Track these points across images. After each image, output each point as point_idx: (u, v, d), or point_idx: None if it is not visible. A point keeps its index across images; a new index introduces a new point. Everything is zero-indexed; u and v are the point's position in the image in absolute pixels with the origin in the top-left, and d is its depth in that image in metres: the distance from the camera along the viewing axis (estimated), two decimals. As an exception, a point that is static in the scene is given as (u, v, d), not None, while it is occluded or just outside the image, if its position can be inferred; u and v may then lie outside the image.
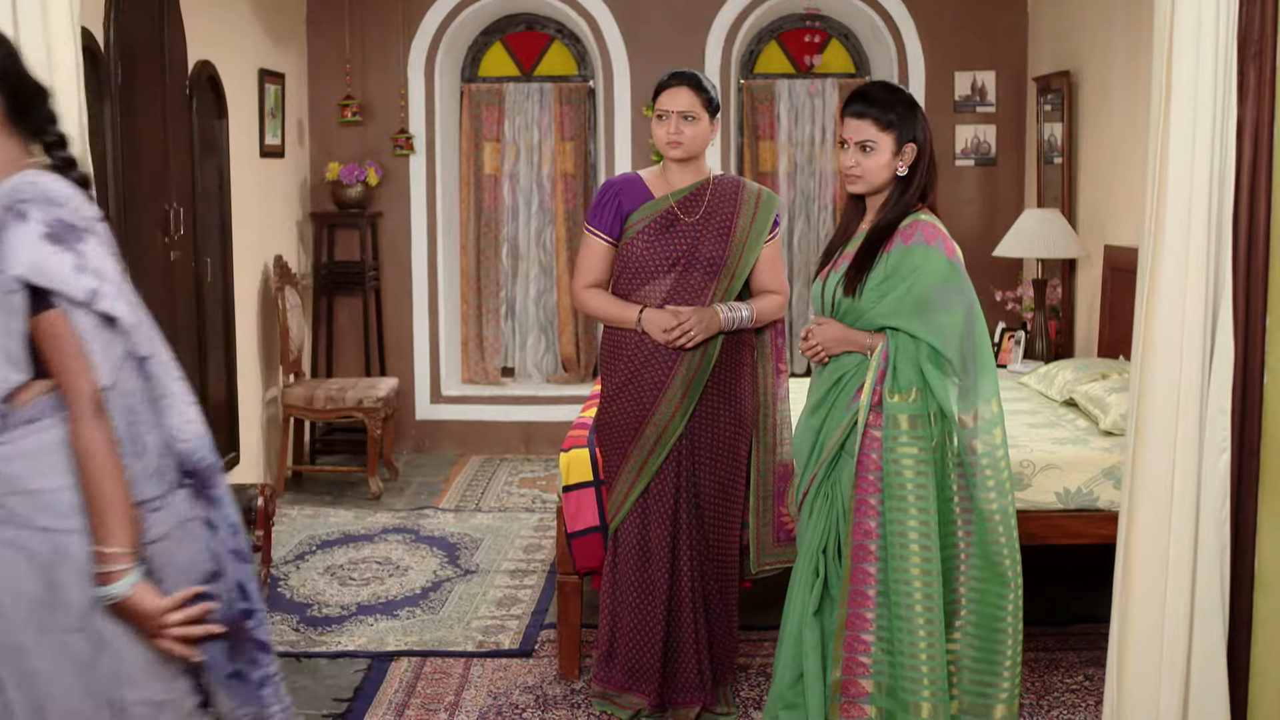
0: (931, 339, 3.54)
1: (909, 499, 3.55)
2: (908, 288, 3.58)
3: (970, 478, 3.57)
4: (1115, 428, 4.91)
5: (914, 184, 3.69)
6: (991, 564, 3.61)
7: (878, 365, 3.59)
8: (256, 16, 7.19)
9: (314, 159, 8.16)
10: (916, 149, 3.68)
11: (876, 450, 3.58)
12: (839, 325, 3.71)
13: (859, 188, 3.72)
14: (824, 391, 3.76)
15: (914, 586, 3.55)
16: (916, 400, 3.55)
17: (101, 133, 5.22)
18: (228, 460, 6.57)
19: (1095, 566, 5.45)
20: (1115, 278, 6.42)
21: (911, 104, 3.70)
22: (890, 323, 3.60)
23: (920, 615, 3.55)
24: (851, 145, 3.69)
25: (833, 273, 3.76)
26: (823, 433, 3.74)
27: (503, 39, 8.54)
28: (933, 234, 3.62)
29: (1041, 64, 7.77)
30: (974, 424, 3.56)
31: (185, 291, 6.07)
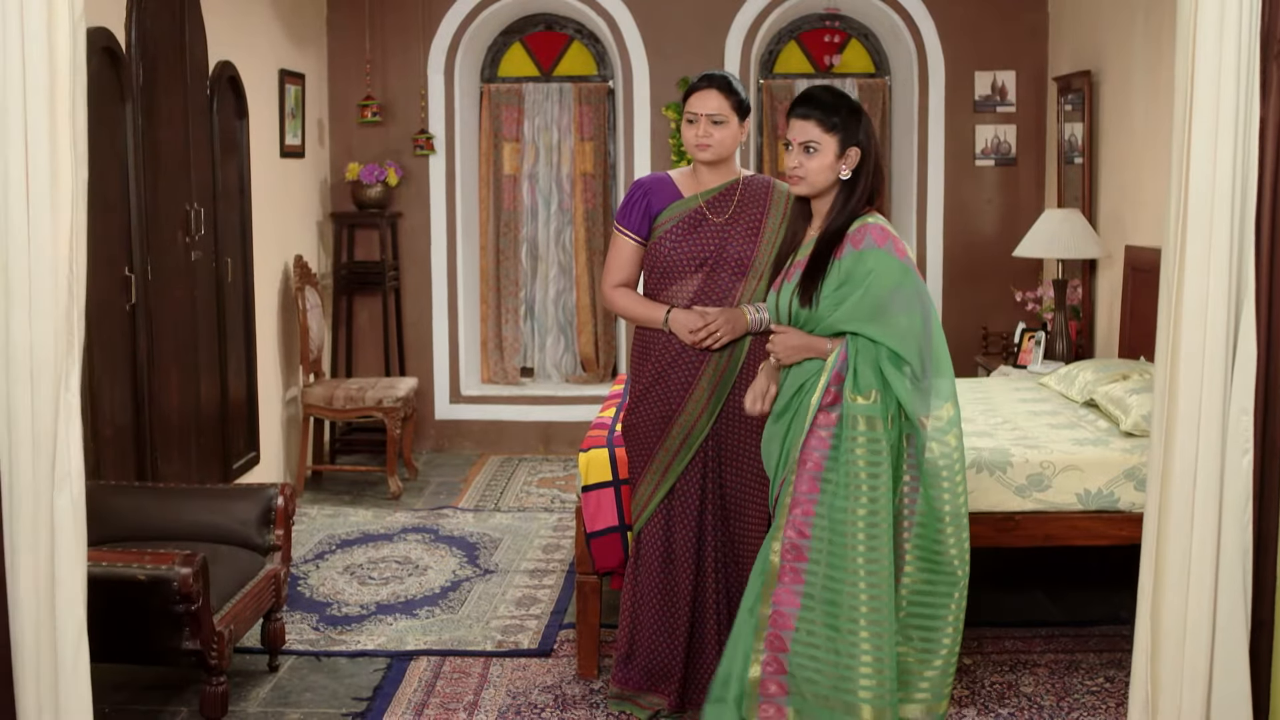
0: (890, 342, 3.57)
1: (862, 499, 3.56)
2: (863, 292, 3.60)
3: (925, 479, 3.63)
4: (1136, 429, 4.89)
5: (859, 188, 3.72)
6: (938, 564, 3.68)
7: (832, 367, 3.63)
8: (277, 17, 7.20)
9: (334, 159, 8.17)
10: (861, 153, 3.71)
11: (820, 450, 3.61)
12: (799, 333, 3.74)
13: (801, 189, 3.75)
14: (788, 398, 3.77)
15: (859, 588, 3.56)
16: (876, 402, 3.58)
17: (123, 133, 5.23)
18: (248, 459, 6.59)
19: (1116, 568, 5.44)
20: (1136, 278, 6.39)
21: (856, 109, 3.74)
22: (848, 328, 3.63)
23: (865, 617, 3.55)
24: (795, 146, 3.72)
25: (786, 283, 3.78)
26: (788, 439, 3.74)
27: (522, 39, 8.55)
28: (883, 236, 3.65)
29: (1062, 63, 7.74)
30: (934, 425, 3.61)
31: (206, 291, 6.09)
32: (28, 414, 3.20)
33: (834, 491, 3.58)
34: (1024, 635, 5.09)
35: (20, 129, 3.14)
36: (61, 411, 3.22)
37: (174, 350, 5.68)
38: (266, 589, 4.58)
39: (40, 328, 3.19)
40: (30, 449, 3.21)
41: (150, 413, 5.41)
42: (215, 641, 4.11)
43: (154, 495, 4.74)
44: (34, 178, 3.15)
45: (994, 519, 4.67)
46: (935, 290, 8.17)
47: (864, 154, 3.72)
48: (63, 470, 3.24)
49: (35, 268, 3.18)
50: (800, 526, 3.61)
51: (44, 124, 3.14)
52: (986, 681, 4.67)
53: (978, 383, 6.35)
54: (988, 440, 4.89)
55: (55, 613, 3.26)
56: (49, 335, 3.19)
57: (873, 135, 3.75)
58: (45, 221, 3.16)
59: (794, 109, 3.73)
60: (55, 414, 3.22)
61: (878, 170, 3.76)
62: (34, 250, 3.17)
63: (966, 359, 8.06)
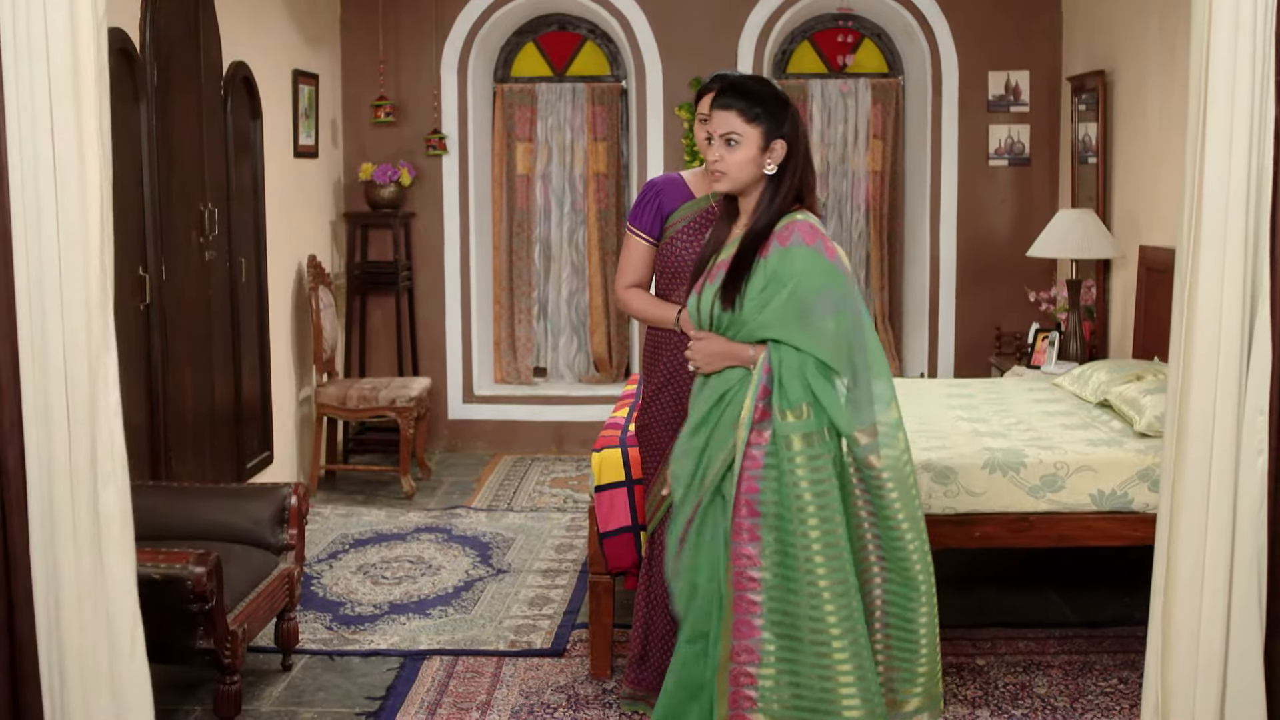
0: (815, 350, 3.37)
1: (811, 521, 3.36)
2: (789, 293, 3.39)
3: (872, 489, 3.45)
4: (1150, 429, 4.88)
5: (785, 184, 3.50)
6: (901, 571, 3.51)
7: (759, 380, 3.41)
8: (290, 17, 7.22)
9: (347, 159, 8.19)
10: (787, 146, 3.50)
11: (756, 471, 3.40)
12: (720, 339, 3.52)
13: (723, 185, 3.54)
14: (707, 409, 3.54)
15: (825, 610, 3.36)
16: (809, 417, 3.37)
17: (137, 133, 5.25)
18: (261, 459, 6.61)
19: (1130, 569, 5.43)
20: (1150, 278, 6.38)
21: (782, 99, 3.52)
22: (772, 334, 3.41)
23: (838, 640, 3.37)
24: (716, 138, 3.50)
25: (708, 285, 3.57)
26: (707, 453, 3.52)
27: (535, 39, 8.55)
28: (812, 235, 3.44)
29: (1076, 63, 7.72)
30: (872, 438, 3.41)
31: (220, 291, 6.10)
32: (64, 414, 3.23)
33: (780, 515, 3.37)
34: (1038, 636, 5.08)
35: (47, 129, 3.16)
36: (101, 409, 3.24)
37: (188, 350, 5.69)
38: (280, 588, 4.59)
39: (73, 327, 3.21)
40: (67, 448, 3.23)
41: (164, 412, 5.42)
42: (229, 640, 4.11)
43: (168, 494, 4.75)
44: (61, 177, 3.17)
45: (1008, 519, 4.66)
46: (949, 291, 8.16)
47: (790, 147, 3.50)
48: (106, 467, 3.26)
49: (66, 265, 3.20)
50: (749, 554, 3.39)
51: (71, 123, 3.16)
52: (1000, 682, 4.66)
53: (991, 383, 6.34)
54: (1001, 441, 4.89)
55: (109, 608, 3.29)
56: (82, 334, 3.21)
57: (801, 128, 3.53)
58: (75, 219, 3.18)
59: (715, 99, 3.52)
60: (93, 412, 3.24)
61: (807, 165, 3.54)
62: (64, 247, 3.19)
63: (980, 359, 8.06)
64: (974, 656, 4.90)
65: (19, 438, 3.27)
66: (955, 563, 5.92)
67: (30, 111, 3.16)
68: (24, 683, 3.38)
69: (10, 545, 3.32)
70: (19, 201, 3.19)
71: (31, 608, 3.32)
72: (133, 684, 3.35)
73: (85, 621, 3.28)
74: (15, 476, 3.29)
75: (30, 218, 3.19)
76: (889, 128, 8.41)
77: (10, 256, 3.23)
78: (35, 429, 3.24)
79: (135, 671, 3.35)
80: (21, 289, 3.23)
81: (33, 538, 3.28)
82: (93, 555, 3.26)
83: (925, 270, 8.23)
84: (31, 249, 3.21)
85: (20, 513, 3.30)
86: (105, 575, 3.28)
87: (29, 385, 3.23)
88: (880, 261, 8.48)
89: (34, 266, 3.22)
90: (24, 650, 3.36)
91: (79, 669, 3.29)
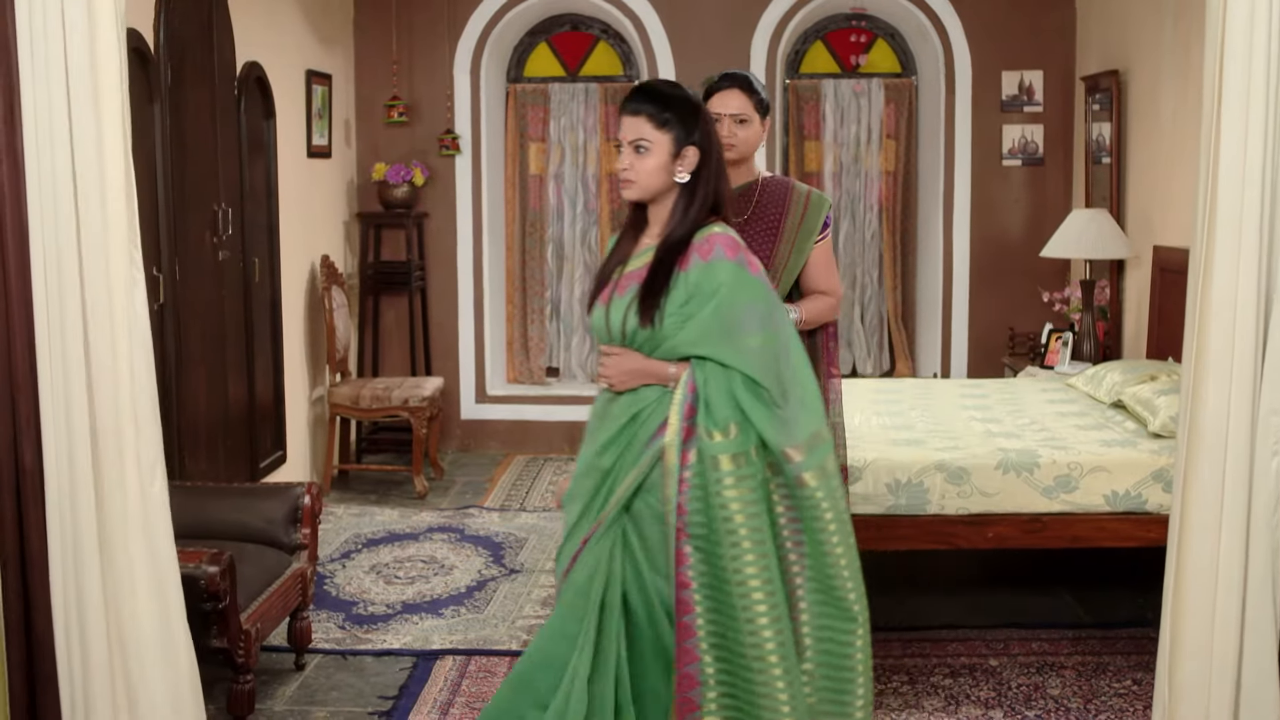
0: (743, 366, 3.17)
1: (744, 544, 3.13)
2: (714, 309, 3.19)
3: (805, 512, 3.21)
4: (1164, 430, 4.87)
5: (700, 193, 3.30)
6: (835, 599, 3.26)
7: (684, 400, 3.20)
8: (304, 18, 7.23)
9: (360, 159, 8.20)
10: (700, 154, 3.31)
11: (685, 493, 3.17)
12: (636, 355, 3.28)
13: (632, 193, 3.32)
14: (617, 429, 3.29)
15: (764, 637, 3.14)
16: (737, 437, 3.15)
17: (151, 133, 5.26)
18: (275, 458, 6.62)
19: (1144, 570, 5.41)
20: (1164, 278, 6.36)
21: (693, 104, 3.34)
22: (697, 350, 3.20)
23: (777, 665, 3.15)
24: (626, 145, 3.31)
25: (616, 298, 3.33)
26: (613, 475, 3.28)
27: (548, 39, 8.55)
28: (733, 248, 3.25)
29: (1090, 63, 7.71)
30: (804, 456, 3.18)
31: (233, 291, 6.11)
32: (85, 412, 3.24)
33: (708, 539, 3.16)
34: (1051, 637, 5.08)
35: (65, 130, 3.17)
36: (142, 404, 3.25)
37: (201, 350, 5.71)
38: (293, 588, 4.60)
39: (96, 325, 3.21)
40: (88, 446, 3.25)
41: (178, 412, 5.43)
42: (242, 640, 4.12)
43: (182, 494, 4.74)
44: (81, 176, 3.19)
45: (1021, 520, 4.65)
46: (962, 291, 8.15)
47: (703, 155, 3.31)
48: (148, 460, 3.27)
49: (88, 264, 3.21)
50: (682, 579, 3.17)
51: (90, 123, 3.17)
52: (1013, 684, 4.65)
53: (1005, 383, 6.33)
54: (1015, 441, 4.88)
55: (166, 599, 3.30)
56: (106, 332, 3.22)
57: (714, 135, 3.36)
58: (95, 218, 3.19)
59: (624, 104, 3.33)
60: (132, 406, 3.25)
61: (720, 174, 3.35)
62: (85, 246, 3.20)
63: (993, 360, 8.04)
64: (987, 657, 4.89)
65: (36, 436, 3.28)
66: (968, 563, 5.92)
67: (48, 111, 3.17)
68: (43, 684, 3.39)
69: (27, 545, 3.33)
70: (37, 205, 3.20)
71: (49, 608, 3.33)
72: (173, 683, 3.35)
73: (106, 622, 3.29)
74: (33, 474, 3.30)
75: (48, 221, 3.20)
76: (902, 128, 8.40)
77: (27, 257, 3.24)
78: (54, 426, 3.25)
79: (177, 670, 3.36)
80: (39, 288, 3.24)
81: (50, 537, 3.29)
82: (126, 553, 3.27)
83: (938, 270, 8.21)
84: (50, 252, 3.22)
85: (38, 511, 3.31)
86: (138, 575, 3.29)
87: (46, 383, 3.24)
88: (893, 262, 8.47)
89: (51, 267, 3.22)
90: (42, 652, 3.37)
91: (105, 670, 3.30)
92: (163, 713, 3.36)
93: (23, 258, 3.25)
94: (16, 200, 3.23)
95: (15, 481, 3.31)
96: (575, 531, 3.32)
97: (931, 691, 4.60)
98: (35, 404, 3.27)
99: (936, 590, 5.64)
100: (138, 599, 3.31)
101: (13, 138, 3.22)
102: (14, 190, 3.23)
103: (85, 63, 3.16)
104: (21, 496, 3.32)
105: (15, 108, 3.21)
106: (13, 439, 3.30)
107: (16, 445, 3.30)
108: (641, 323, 3.25)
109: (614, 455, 3.29)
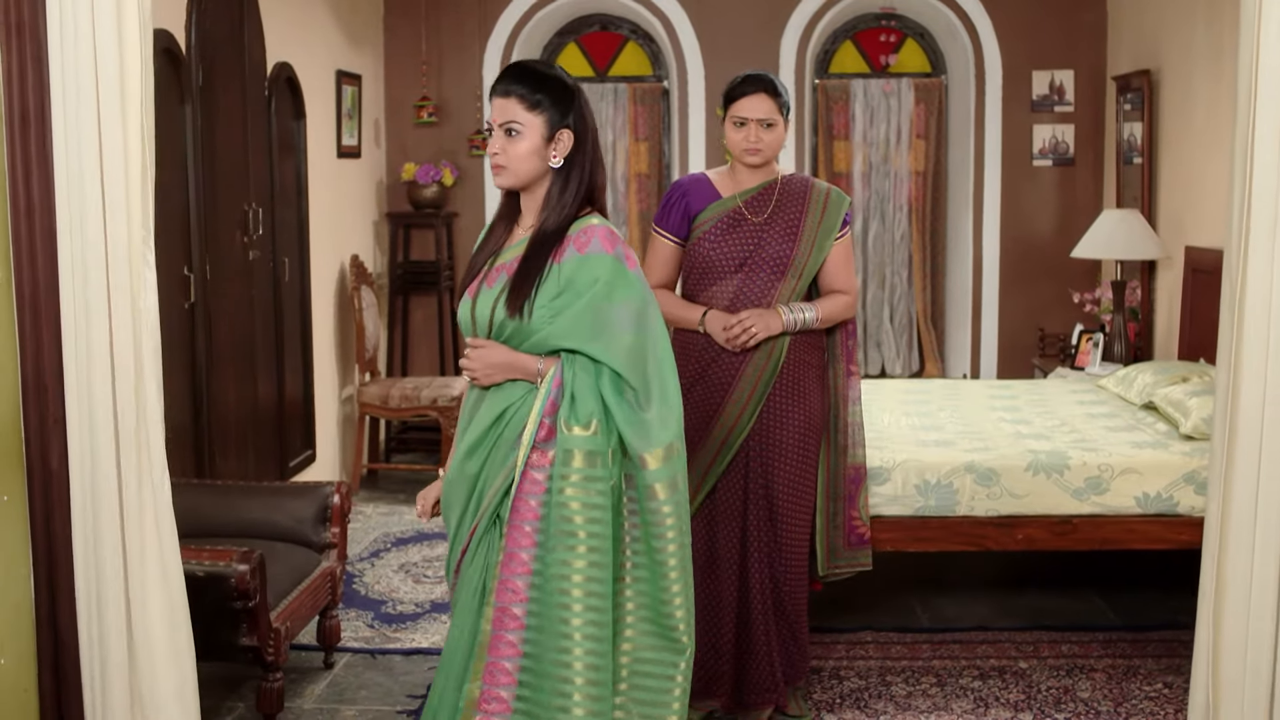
0: (612, 362, 3.01)
1: (579, 549, 2.97)
2: (586, 303, 3.03)
3: (649, 526, 3.03)
4: (1196, 432, 4.84)
5: (575, 180, 3.14)
6: (663, 628, 3.08)
7: (547, 394, 3.03)
8: (334, 18, 7.25)
9: (390, 159, 8.22)
10: (574, 138, 3.13)
11: (536, 496, 3.01)
12: (502, 349, 3.10)
13: (504, 179, 3.14)
14: (484, 429, 3.11)
15: (573, 655, 2.97)
16: (596, 434, 2.98)
17: (182, 133, 5.28)
18: (304, 457, 6.64)
19: (1175, 572, 5.38)
20: (1196, 279, 6.32)
21: (568, 86, 3.14)
22: (567, 344, 3.04)
23: (580, 690, 2.97)
24: (496, 129, 3.12)
25: (485, 289, 3.16)
26: (482, 479, 3.10)
27: (577, 39, 8.56)
28: (611, 241, 3.10)
29: (1121, 62, 7.67)
30: (659, 464, 3.01)
31: (263, 291, 6.13)
32: (109, 413, 3.25)
33: (547, 543, 2.99)
34: (1081, 639, 5.05)
35: (93, 131, 3.19)
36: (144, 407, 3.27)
37: (232, 349, 5.73)
38: (322, 586, 4.61)
39: (119, 326, 3.23)
40: (112, 446, 3.26)
41: (208, 411, 5.46)
42: (272, 638, 4.14)
43: (212, 493, 4.78)
44: (108, 178, 3.20)
45: (1050, 522, 4.63)
46: (992, 291, 8.12)
47: (578, 139, 3.13)
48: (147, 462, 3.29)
49: (113, 260, 3.23)
50: (515, 587, 3.01)
51: (116, 125, 3.19)
52: (1043, 686, 4.63)
53: (1034, 384, 6.30)
54: (1045, 443, 4.86)
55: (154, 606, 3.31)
56: (127, 333, 3.24)
57: (589, 120, 3.17)
58: (120, 217, 3.21)
59: (495, 86, 3.14)
60: (144, 408, 3.27)
61: (596, 161, 3.18)
62: (111, 243, 3.22)
63: (1023, 360, 8.01)
64: (1016, 660, 4.87)
65: (62, 437, 3.30)
66: (997, 565, 5.90)
67: (76, 112, 3.19)
68: (66, 680, 3.41)
69: (54, 543, 3.35)
70: (65, 205, 3.22)
71: (73, 604, 3.35)
72: (177, 681, 3.38)
73: (128, 619, 3.31)
74: (59, 476, 3.32)
75: (75, 221, 3.22)
76: (932, 127, 8.37)
77: (55, 258, 3.26)
78: (79, 428, 3.27)
79: (180, 669, 3.38)
80: (66, 290, 3.26)
81: (74, 536, 3.31)
82: (136, 553, 3.28)
83: (968, 271, 8.18)
84: (76, 253, 3.24)
85: (63, 510, 3.33)
86: (149, 573, 3.31)
87: (72, 385, 3.26)
88: (923, 262, 8.44)
89: (78, 268, 3.24)
90: (66, 647, 3.39)
91: (121, 666, 3.32)
92: (170, 710, 3.37)
93: (50, 258, 3.27)
94: (46, 200, 3.25)
95: (45, 482, 3.34)
96: (456, 541, 3.16)
97: (960, 694, 4.58)
98: (62, 405, 3.29)
99: (965, 591, 5.62)
100: (148, 597, 3.32)
101: (44, 139, 3.24)
102: (44, 190, 3.25)
103: (114, 65, 3.18)
104: (49, 497, 3.34)
105: (46, 109, 3.23)
106: (41, 440, 3.32)
107: (44, 446, 3.32)
108: (510, 313, 3.07)
109: (481, 459, 3.11)
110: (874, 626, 5.18)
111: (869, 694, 4.58)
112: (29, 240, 3.26)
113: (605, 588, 2.98)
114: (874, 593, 5.44)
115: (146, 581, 3.30)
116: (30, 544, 3.36)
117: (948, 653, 4.94)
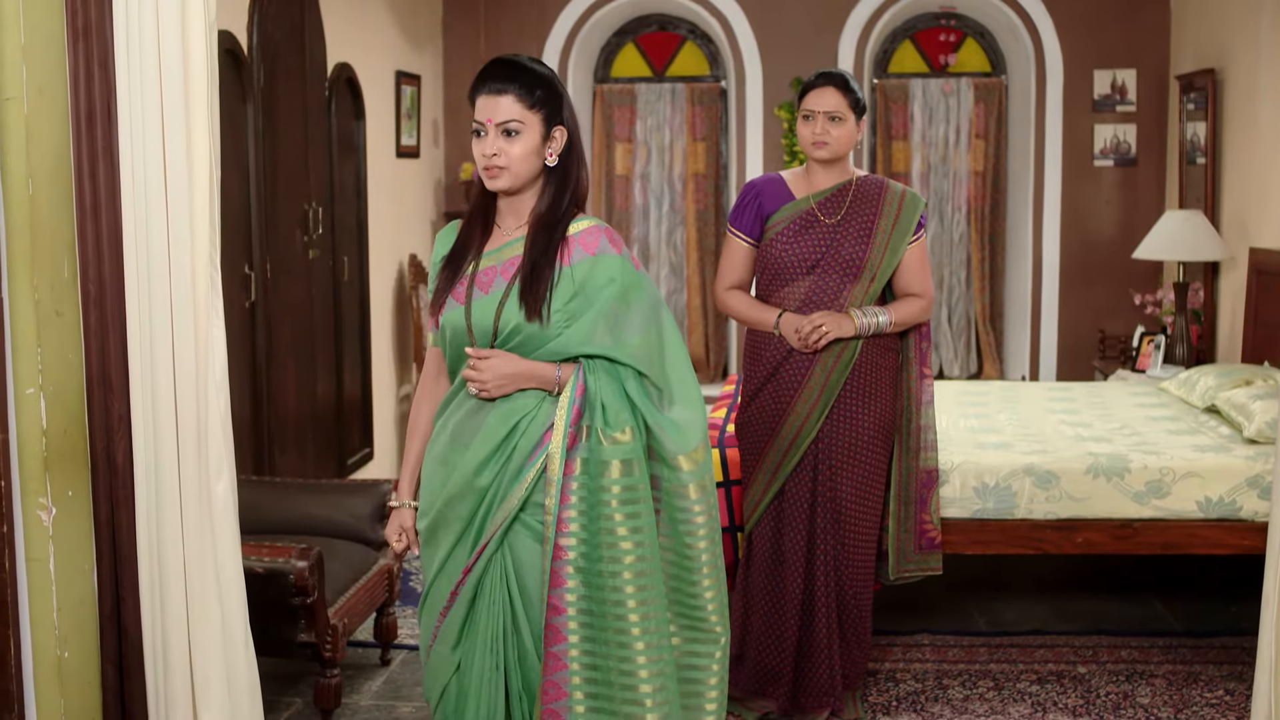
0: (639, 364, 2.94)
1: (626, 559, 2.90)
2: (604, 305, 2.94)
3: (678, 524, 2.98)
4: (1260, 435, 4.78)
5: (571, 176, 3.02)
6: (696, 620, 3.04)
7: (572, 403, 2.91)
8: (394, 19, 7.30)
9: (448, 159, 8.26)
10: (567, 134, 3.01)
11: (569, 505, 2.90)
12: (514, 358, 2.95)
13: (503, 181, 2.97)
14: (497, 443, 2.95)
15: (637, 664, 2.91)
16: (632, 440, 2.91)
17: (243, 133, 5.33)
18: (362, 455, 6.68)
19: (1237, 578, 5.32)
20: (1261, 281, 6.25)
21: (555, 81, 3.01)
22: (586, 349, 2.93)
23: (651, 698, 2.92)
24: (491, 129, 2.95)
25: (479, 295, 3.01)
26: (491, 493, 2.96)
27: (635, 39, 8.57)
28: (616, 243, 3.00)
29: (1184, 62, 7.58)
30: (694, 465, 2.96)
31: (323, 289, 6.18)
32: (171, 410, 3.28)
33: (588, 556, 2.90)
34: (1141, 645, 5.00)
35: (158, 131, 3.22)
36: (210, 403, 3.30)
37: (291, 347, 5.78)
38: (380, 583, 4.64)
39: (181, 323, 3.26)
40: (174, 443, 3.29)
41: (268, 408, 5.51)
42: (330, 634, 4.17)
43: (271, 489, 4.82)
44: (172, 179, 3.23)
45: (1110, 526, 4.59)
46: (1051, 293, 8.06)
47: (570, 135, 3.01)
48: (217, 459, 3.32)
49: (175, 263, 3.26)
50: (556, 604, 2.91)
51: (181, 126, 3.22)
52: (1102, 691, 4.59)
53: (1094, 387, 6.25)
54: (1105, 446, 4.81)
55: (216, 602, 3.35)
56: (190, 330, 3.27)
57: (574, 116, 3.05)
58: (184, 216, 3.24)
59: (484, 83, 2.99)
60: (205, 405, 3.30)
61: (582, 159, 3.07)
62: (175, 241, 3.25)
63: (1083, 362, 7.94)
64: (1075, 664, 4.83)
65: (128, 434, 3.34)
66: (1056, 568, 5.85)
67: (141, 115, 3.22)
68: (129, 674, 3.45)
69: (118, 539, 3.39)
70: (130, 204, 3.26)
71: (137, 599, 3.39)
72: (240, 677, 3.41)
73: (191, 615, 3.34)
74: (123, 472, 3.36)
75: (140, 219, 3.25)
76: (991, 127, 8.32)
77: (121, 256, 3.30)
78: (143, 425, 3.30)
79: (242, 664, 3.41)
80: (131, 287, 3.29)
81: (139, 533, 3.34)
82: (200, 550, 3.32)
83: (1027, 272, 8.12)
84: (141, 251, 3.27)
85: (127, 507, 3.36)
86: (212, 569, 3.34)
87: (137, 383, 3.30)
88: (981, 263, 8.38)
89: (143, 265, 3.28)
90: (130, 643, 3.43)
91: (183, 661, 3.35)
92: (231, 705, 3.40)
93: (116, 256, 3.30)
94: (112, 200, 3.29)
95: (109, 478, 3.37)
96: (450, 563, 3.01)
97: (1018, 698, 4.55)
98: (127, 402, 3.32)
99: (1023, 595, 5.58)
100: (209, 593, 3.35)
101: (110, 139, 3.28)
102: (110, 190, 3.29)
103: (178, 67, 3.21)
104: (114, 495, 3.38)
105: (112, 108, 3.26)
106: (105, 436, 3.36)
107: (109, 443, 3.36)
108: (529, 318, 2.92)
109: (493, 472, 2.95)
110: (931, 629, 5.15)
111: (925, 697, 4.55)
112: (95, 239, 3.29)
113: (656, 590, 2.93)
114: (931, 595, 5.41)
115: (207, 577, 3.33)
116: (95, 540, 3.40)
117: (1005, 656, 4.91)
